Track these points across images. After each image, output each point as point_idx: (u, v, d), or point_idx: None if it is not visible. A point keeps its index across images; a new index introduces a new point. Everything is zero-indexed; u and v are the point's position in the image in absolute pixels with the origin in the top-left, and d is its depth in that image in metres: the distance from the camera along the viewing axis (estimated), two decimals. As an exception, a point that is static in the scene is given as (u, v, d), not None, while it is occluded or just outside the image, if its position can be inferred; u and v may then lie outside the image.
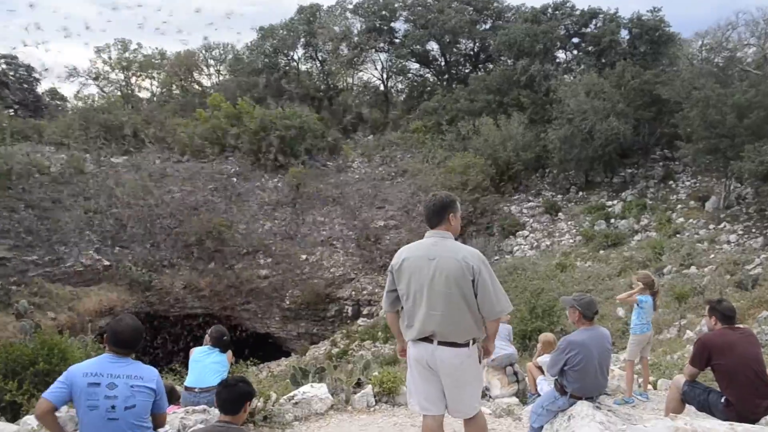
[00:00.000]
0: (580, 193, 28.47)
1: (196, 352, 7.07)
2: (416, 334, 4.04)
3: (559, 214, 27.24)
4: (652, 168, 28.19)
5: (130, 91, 41.63)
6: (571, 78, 32.41)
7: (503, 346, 8.37)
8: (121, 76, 41.71)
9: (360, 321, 24.22)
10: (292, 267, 25.92)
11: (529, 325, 14.42)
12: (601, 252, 22.51)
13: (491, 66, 38.16)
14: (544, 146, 28.50)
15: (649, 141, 28.10)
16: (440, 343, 3.97)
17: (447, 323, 3.94)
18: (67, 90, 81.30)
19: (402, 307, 4.20)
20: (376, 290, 24.52)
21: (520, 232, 26.79)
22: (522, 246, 25.74)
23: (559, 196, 28.88)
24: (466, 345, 4.00)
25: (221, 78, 43.78)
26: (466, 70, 41.09)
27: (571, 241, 24.91)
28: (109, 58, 40.78)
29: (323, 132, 33.58)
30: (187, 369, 7.12)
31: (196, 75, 43.77)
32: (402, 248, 4.26)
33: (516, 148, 28.51)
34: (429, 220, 4.17)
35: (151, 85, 43.19)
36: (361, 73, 43.99)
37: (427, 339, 4.02)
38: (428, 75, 43.14)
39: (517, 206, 28.82)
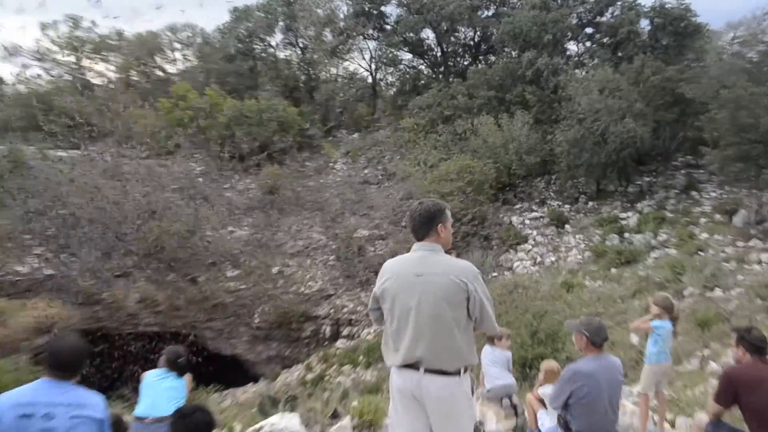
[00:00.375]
0: (591, 204, 28.58)
1: (148, 376, 7.03)
2: (401, 360, 4.01)
3: (566, 226, 27.30)
4: (673, 176, 28.38)
5: (81, 76, 41.30)
6: (583, 73, 32.58)
7: (501, 375, 8.39)
8: (72, 58, 41.39)
9: (339, 343, 24.11)
10: (264, 280, 25.74)
11: (530, 351, 14.37)
12: (613, 270, 22.56)
13: (493, 58, 38.30)
14: (550, 149, 28.59)
15: (670, 146, 28.17)
16: (427, 371, 3.94)
17: (435, 348, 3.91)
18: (6, 71, 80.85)
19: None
20: (358, 308, 24.45)
21: (522, 246, 26.81)
22: (523, 261, 25.77)
23: (566, 206, 28.97)
24: (457, 374, 3.97)
25: (188, 64, 43.64)
26: (465, 63, 41.22)
27: (579, 257, 24.97)
28: (58, 36, 40.53)
29: (303, 128, 33.54)
30: (137, 395, 7.05)
31: (158, 60, 43.59)
32: (386, 263, 4.26)
33: (519, 151, 28.58)
34: (415, 231, 4.16)
35: (107, 69, 42.92)
36: (346, 63, 44.08)
37: (413, 366, 3.99)
38: (422, 67, 43.21)
39: (519, 216, 28.87)
